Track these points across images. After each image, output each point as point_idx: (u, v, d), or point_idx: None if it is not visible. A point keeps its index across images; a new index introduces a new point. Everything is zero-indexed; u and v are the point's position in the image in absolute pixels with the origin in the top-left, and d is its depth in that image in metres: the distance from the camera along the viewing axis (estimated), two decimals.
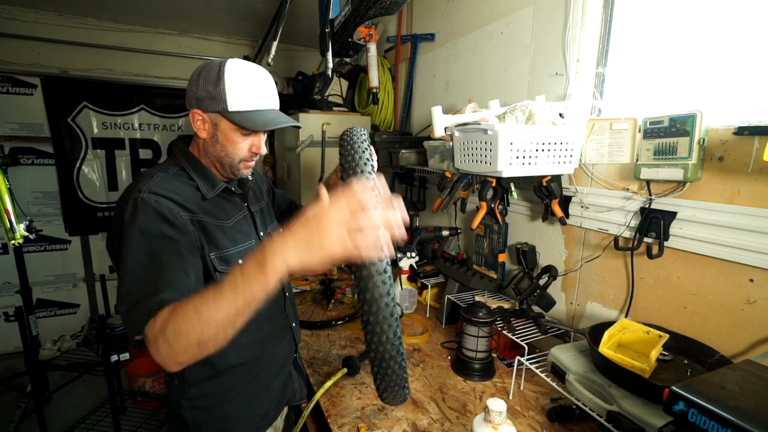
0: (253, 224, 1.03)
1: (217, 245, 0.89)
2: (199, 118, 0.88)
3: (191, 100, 0.89)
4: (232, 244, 0.92)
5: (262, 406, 1.03)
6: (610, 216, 1.21)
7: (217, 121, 0.88)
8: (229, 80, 0.84)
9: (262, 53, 2.69)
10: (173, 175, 0.90)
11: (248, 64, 0.89)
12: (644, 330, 1.02)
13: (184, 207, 0.84)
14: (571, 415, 1.03)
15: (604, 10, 1.27)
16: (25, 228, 1.95)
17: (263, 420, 1.04)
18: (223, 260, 0.89)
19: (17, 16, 2.66)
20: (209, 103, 0.86)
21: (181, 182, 0.89)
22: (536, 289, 1.34)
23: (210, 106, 0.86)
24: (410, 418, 1.08)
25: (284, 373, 1.10)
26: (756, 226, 0.89)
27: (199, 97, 0.86)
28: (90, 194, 3.07)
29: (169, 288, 0.72)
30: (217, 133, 0.89)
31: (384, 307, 0.57)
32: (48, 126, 2.86)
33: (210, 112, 0.87)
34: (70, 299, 3.16)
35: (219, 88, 0.84)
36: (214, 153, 0.92)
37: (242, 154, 0.92)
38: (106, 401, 2.15)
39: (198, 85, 0.86)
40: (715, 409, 0.57)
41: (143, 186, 0.82)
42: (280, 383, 1.08)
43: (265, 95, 0.89)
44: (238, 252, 0.93)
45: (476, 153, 1.19)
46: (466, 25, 1.84)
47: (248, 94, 0.86)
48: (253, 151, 0.93)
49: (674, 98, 1.14)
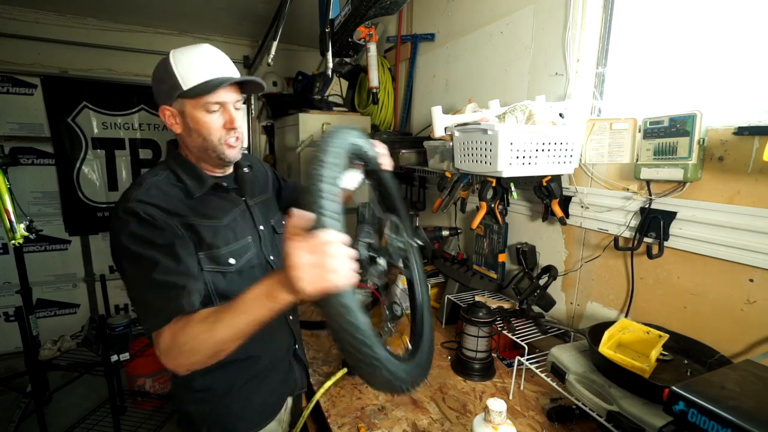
0: (252, 219, 1.02)
1: (207, 245, 0.89)
2: (168, 113, 0.90)
3: (157, 101, 0.91)
4: (223, 243, 0.92)
5: (263, 397, 1.04)
6: (610, 216, 1.21)
7: (182, 108, 0.88)
8: (176, 63, 0.86)
9: (262, 53, 2.69)
10: (163, 179, 0.91)
11: (193, 45, 0.90)
12: (644, 330, 1.02)
13: (171, 212, 0.85)
14: (571, 415, 1.03)
15: (604, 10, 1.27)
16: (25, 228, 1.95)
17: (265, 411, 1.05)
18: (212, 259, 0.89)
19: (17, 16, 2.66)
20: (169, 93, 0.87)
21: (170, 185, 0.90)
22: (536, 289, 1.34)
23: (170, 96, 0.87)
24: (410, 418, 1.08)
25: (284, 365, 1.11)
26: (756, 226, 0.89)
27: (161, 94, 0.89)
28: (90, 194, 3.07)
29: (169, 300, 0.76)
30: (187, 120, 0.89)
31: (343, 330, 0.58)
32: (48, 126, 2.86)
33: (173, 103, 0.88)
34: (70, 299, 3.16)
35: (169, 74, 0.86)
36: (194, 144, 0.92)
37: (217, 132, 0.91)
38: (106, 401, 2.15)
39: (156, 83, 0.90)
40: (715, 409, 0.57)
41: (131, 195, 0.85)
42: (280, 375, 1.09)
43: (214, 65, 0.89)
44: (230, 251, 0.92)
45: (476, 153, 1.18)
46: (466, 25, 1.84)
47: (197, 67, 0.87)
48: (227, 126, 0.91)
49: (674, 98, 1.14)
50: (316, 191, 0.58)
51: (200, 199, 0.92)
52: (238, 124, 0.92)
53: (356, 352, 0.60)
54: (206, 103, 0.87)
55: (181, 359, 0.75)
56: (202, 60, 0.88)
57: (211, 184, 0.94)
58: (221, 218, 0.94)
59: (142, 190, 0.86)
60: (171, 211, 0.85)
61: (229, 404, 0.98)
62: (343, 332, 0.58)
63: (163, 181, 0.91)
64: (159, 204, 0.84)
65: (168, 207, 0.85)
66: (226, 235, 0.93)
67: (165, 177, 0.92)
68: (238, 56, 3.28)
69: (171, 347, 0.75)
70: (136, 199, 0.83)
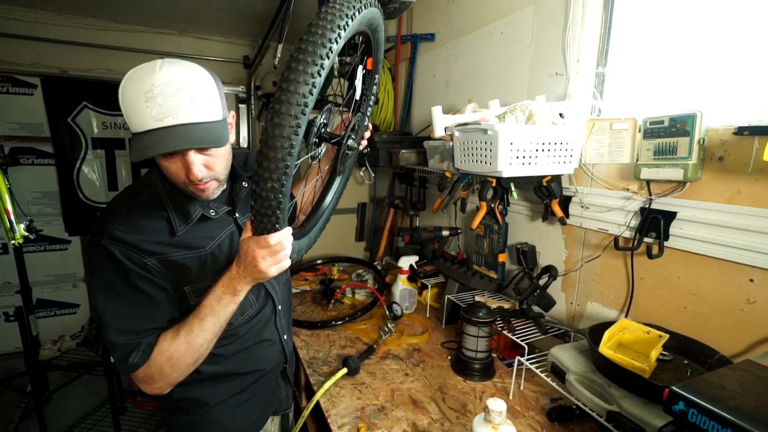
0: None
1: (191, 279, 0.85)
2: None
3: None
4: (210, 273, 0.86)
5: (245, 412, 1.04)
6: (610, 216, 1.21)
7: None
8: (122, 96, 0.70)
9: (262, 53, 2.69)
10: (143, 202, 0.83)
11: (141, 70, 0.70)
12: (644, 330, 1.02)
13: (148, 251, 0.79)
14: (571, 415, 1.03)
15: (604, 10, 1.27)
16: (25, 228, 1.95)
17: (245, 426, 1.05)
18: (198, 293, 0.86)
19: (17, 16, 2.65)
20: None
21: (152, 214, 0.82)
22: (536, 289, 1.34)
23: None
24: (410, 418, 1.08)
25: (271, 384, 1.11)
26: (756, 226, 0.89)
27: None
28: (90, 194, 3.07)
29: (133, 348, 0.79)
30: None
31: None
32: (48, 126, 2.86)
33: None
34: (70, 299, 3.15)
35: (120, 104, 0.71)
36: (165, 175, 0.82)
37: (180, 179, 0.78)
38: (106, 401, 2.15)
39: None
40: (715, 409, 0.57)
41: (106, 227, 0.78)
42: (266, 393, 1.09)
43: (149, 110, 0.68)
44: (215, 281, 0.82)
45: (476, 153, 1.18)
46: (466, 25, 1.84)
47: (136, 113, 0.69)
48: (188, 177, 0.77)
49: (674, 98, 1.13)
50: (261, 203, 0.68)
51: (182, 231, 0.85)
52: (198, 172, 0.75)
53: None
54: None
55: (161, 383, 0.81)
56: (135, 103, 0.68)
57: (197, 217, 0.86)
58: (206, 247, 0.87)
59: (120, 221, 0.79)
60: (148, 251, 0.79)
61: (210, 418, 0.97)
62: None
63: (146, 206, 0.82)
64: (134, 243, 0.78)
65: (145, 246, 0.79)
66: (214, 264, 0.87)
67: (148, 199, 0.83)
68: (238, 56, 3.28)
69: (148, 377, 0.80)
70: (111, 236, 0.77)
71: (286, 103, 0.60)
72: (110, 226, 0.78)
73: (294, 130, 0.61)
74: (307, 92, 0.60)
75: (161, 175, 0.83)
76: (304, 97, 0.60)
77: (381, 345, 1.46)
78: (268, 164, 0.63)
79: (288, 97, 0.60)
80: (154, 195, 0.84)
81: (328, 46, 0.62)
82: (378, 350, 1.44)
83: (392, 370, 1.32)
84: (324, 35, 0.62)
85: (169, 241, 0.82)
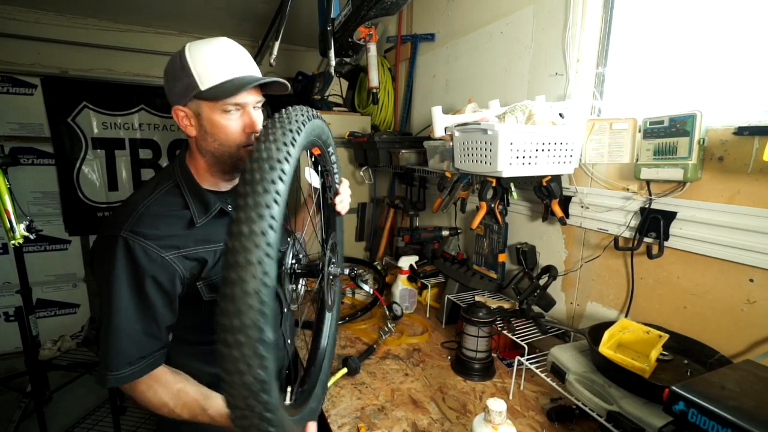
0: None
1: (207, 271, 0.85)
2: (181, 114, 0.82)
3: (170, 100, 0.84)
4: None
5: None
6: (610, 216, 1.21)
7: (199, 110, 0.81)
8: (193, 60, 0.78)
9: (263, 53, 2.69)
10: (165, 194, 0.84)
11: (209, 39, 0.82)
12: (644, 330, 1.02)
13: (168, 246, 0.79)
14: (571, 415, 1.03)
15: (604, 10, 1.27)
16: (25, 228, 1.94)
17: None
18: (211, 287, 0.86)
19: (17, 16, 2.65)
20: (183, 93, 0.80)
21: (171, 206, 0.83)
22: (536, 289, 1.34)
23: (185, 96, 0.80)
24: (410, 418, 1.08)
25: None
26: (756, 226, 0.89)
27: (174, 93, 0.81)
28: (90, 194, 3.07)
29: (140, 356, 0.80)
30: (203, 123, 0.82)
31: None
32: (48, 126, 2.86)
33: (188, 103, 0.81)
34: (70, 299, 3.16)
35: (186, 72, 0.78)
36: (209, 149, 0.84)
37: (237, 137, 0.83)
38: (106, 401, 2.15)
39: (169, 81, 0.82)
40: (715, 409, 0.57)
41: (124, 221, 0.77)
42: None
43: (235, 63, 0.81)
44: None
45: (476, 153, 1.19)
46: (466, 25, 1.84)
47: (216, 66, 0.79)
48: (247, 130, 0.83)
49: (674, 98, 1.14)
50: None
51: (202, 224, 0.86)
52: (258, 127, 0.84)
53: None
54: (225, 105, 0.80)
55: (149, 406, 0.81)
56: (222, 57, 0.80)
57: (217, 210, 0.87)
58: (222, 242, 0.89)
59: (137, 217, 0.78)
60: (168, 245, 0.79)
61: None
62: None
63: (164, 201, 0.83)
64: (154, 237, 0.78)
65: (165, 241, 0.79)
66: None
67: (167, 194, 0.84)
68: None
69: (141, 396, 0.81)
70: (131, 229, 0.76)
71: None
72: (131, 219, 0.78)
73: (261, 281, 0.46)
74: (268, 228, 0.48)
75: (183, 169, 0.87)
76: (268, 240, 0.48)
77: (381, 345, 1.46)
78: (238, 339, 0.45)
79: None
80: (175, 187, 0.86)
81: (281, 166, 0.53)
82: (378, 350, 1.44)
83: (392, 370, 1.32)
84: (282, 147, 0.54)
85: (188, 234, 0.83)
